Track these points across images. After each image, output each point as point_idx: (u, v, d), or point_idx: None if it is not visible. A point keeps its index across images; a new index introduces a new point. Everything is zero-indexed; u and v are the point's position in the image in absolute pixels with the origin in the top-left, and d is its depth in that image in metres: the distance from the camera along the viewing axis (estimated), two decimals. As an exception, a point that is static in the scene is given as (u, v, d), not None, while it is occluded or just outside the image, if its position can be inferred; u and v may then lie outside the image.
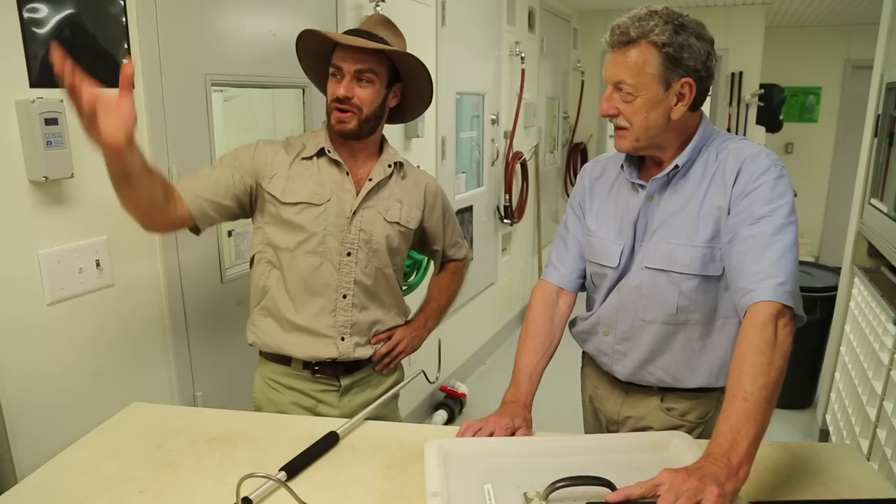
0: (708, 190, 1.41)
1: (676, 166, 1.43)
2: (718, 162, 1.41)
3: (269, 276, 1.66)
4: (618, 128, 1.42)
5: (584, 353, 1.75)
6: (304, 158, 1.64)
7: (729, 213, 1.37)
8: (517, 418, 1.42)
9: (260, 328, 1.68)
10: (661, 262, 1.44)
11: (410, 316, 1.89)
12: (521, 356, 1.57)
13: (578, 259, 1.63)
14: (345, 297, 1.66)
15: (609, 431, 1.65)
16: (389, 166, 1.70)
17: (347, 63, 1.57)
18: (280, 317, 1.66)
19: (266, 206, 1.63)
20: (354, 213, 1.64)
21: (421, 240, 1.85)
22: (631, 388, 1.58)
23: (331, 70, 1.60)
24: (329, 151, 1.64)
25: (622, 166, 1.54)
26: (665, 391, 1.55)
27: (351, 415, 1.58)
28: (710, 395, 1.53)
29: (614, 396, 1.62)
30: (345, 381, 1.72)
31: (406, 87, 1.69)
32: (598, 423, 1.70)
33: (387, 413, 1.80)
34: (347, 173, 1.65)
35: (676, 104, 1.38)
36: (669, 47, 1.33)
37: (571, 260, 1.63)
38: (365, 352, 1.72)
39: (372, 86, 1.60)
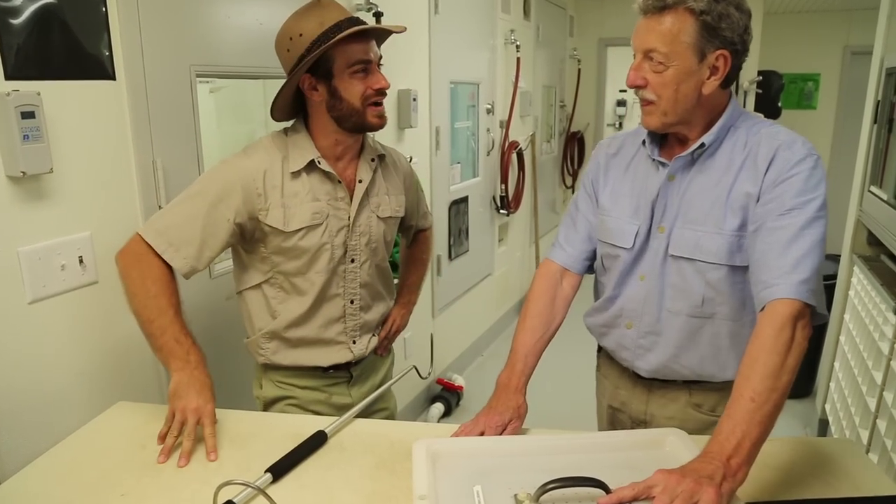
0: (738, 176, 1.34)
1: (702, 144, 1.36)
2: (749, 147, 1.35)
3: (282, 302, 1.60)
4: (645, 102, 1.35)
5: (599, 352, 1.69)
6: (292, 174, 1.54)
7: (758, 201, 1.31)
8: (507, 411, 1.39)
9: (269, 349, 1.64)
10: (687, 250, 1.38)
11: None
12: (518, 335, 1.53)
13: (587, 240, 1.57)
14: (352, 302, 1.64)
15: None
16: (373, 160, 1.65)
17: (373, 53, 1.52)
18: (287, 337, 1.62)
19: (268, 238, 1.55)
20: (353, 220, 1.60)
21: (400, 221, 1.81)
22: (654, 383, 1.53)
23: (354, 68, 1.48)
24: (319, 163, 1.55)
25: (643, 142, 1.47)
26: (691, 384, 1.49)
27: (360, 400, 1.57)
28: None
29: (637, 394, 1.56)
30: (355, 372, 1.72)
31: None
32: (617, 429, 1.64)
33: (385, 395, 1.80)
34: (339, 181, 1.58)
35: (709, 78, 1.31)
36: (707, 15, 1.26)
37: (579, 240, 1.57)
38: (375, 344, 1.73)
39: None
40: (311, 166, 1.55)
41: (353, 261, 1.62)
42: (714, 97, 1.34)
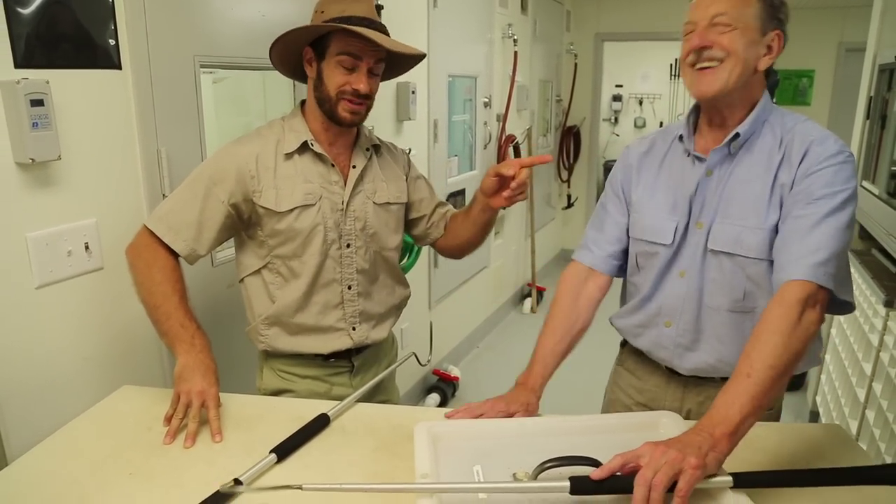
0: (777, 172, 1.35)
1: (737, 134, 1.38)
2: (785, 144, 1.36)
3: (280, 287, 1.62)
4: (705, 69, 1.34)
5: (624, 350, 1.69)
6: (285, 155, 1.58)
7: (790, 191, 1.33)
8: (514, 403, 1.40)
9: (269, 336, 1.65)
10: (727, 244, 1.38)
11: None
12: (540, 338, 1.53)
13: (614, 241, 1.57)
14: (350, 287, 1.66)
15: None
16: (368, 150, 1.67)
17: (368, 55, 1.52)
18: (287, 322, 1.63)
19: (263, 220, 1.58)
20: (346, 204, 1.61)
21: (411, 213, 1.79)
22: (689, 380, 1.52)
23: (341, 58, 1.51)
24: (312, 145, 1.58)
25: (680, 137, 1.48)
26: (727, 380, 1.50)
27: None
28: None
29: (671, 391, 1.56)
30: (357, 362, 1.73)
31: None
32: None
33: (388, 387, 1.82)
34: (332, 165, 1.60)
35: (765, 55, 1.35)
36: None
37: (606, 242, 1.57)
38: (379, 334, 1.72)
39: (379, 77, 1.59)
40: (304, 148, 1.58)
41: (348, 245, 1.63)
42: (757, 80, 1.38)
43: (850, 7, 6.36)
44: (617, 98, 9.29)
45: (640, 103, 9.36)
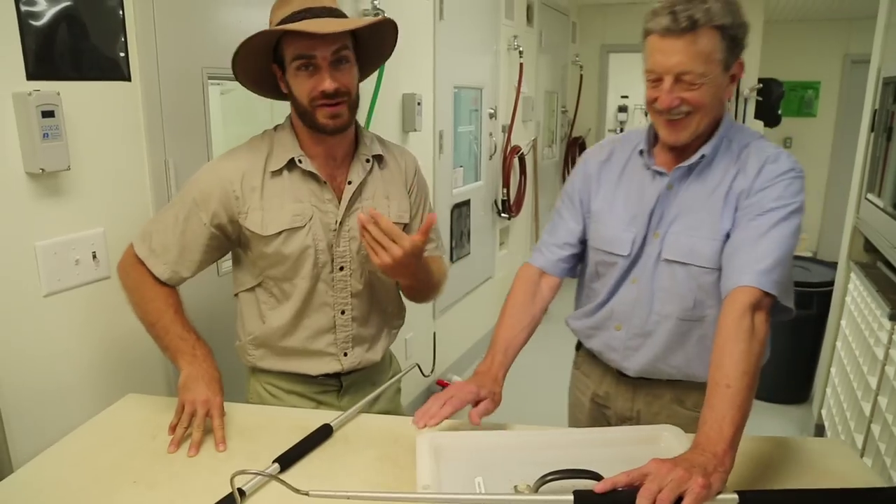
0: (731, 185, 1.39)
1: (703, 156, 1.40)
2: (741, 160, 1.40)
3: (273, 308, 1.57)
4: (673, 120, 1.36)
5: (578, 350, 1.73)
6: (272, 173, 1.48)
7: (744, 201, 1.37)
8: (484, 388, 1.41)
9: (256, 356, 1.62)
10: (681, 254, 1.42)
11: None
12: (498, 330, 1.56)
13: (565, 246, 1.61)
14: (343, 312, 1.58)
15: None
16: (367, 161, 1.56)
17: (320, 48, 1.37)
18: (274, 345, 1.59)
19: (250, 242, 1.51)
20: (340, 223, 1.52)
21: None
22: (639, 381, 1.57)
23: (297, 63, 1.39)
24: (300, 162, 1.48)
25: (641, 152, 1.49)
26: (675, 383, 1.53)
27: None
28: None
29: (622, 392, 1.60)
30: (346, 382, 1.66)
31: (360, 52, 1.49)
32: (602, 424, 1.66)
33: (392, 409, 1.77)
34: (325, 182, 1.50)
35: (729, 85, 1.36)
36: (732, 29, 1.29)
37: (557, 246, 1.61)
38: (373, 357, 1.65)
39: (350, 65, 1.43)
40: (293, 164, 1.49)
41: (341, 269, 1.54)
42: (722, 106, 1.40)
43: (855, 19, 6.37)
44: (623, 109, 9.28)
45: (646, 114, 9.36)
